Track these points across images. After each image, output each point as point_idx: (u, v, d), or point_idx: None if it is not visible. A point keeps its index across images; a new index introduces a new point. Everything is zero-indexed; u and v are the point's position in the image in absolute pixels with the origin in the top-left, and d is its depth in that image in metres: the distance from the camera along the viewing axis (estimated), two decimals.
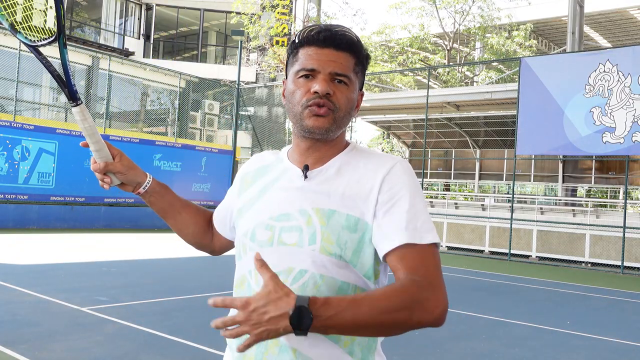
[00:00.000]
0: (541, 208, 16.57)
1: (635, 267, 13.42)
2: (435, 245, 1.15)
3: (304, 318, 0.96)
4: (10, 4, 1.28)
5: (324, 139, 1.24)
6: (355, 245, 1.18)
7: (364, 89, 1.32)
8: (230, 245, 1.48)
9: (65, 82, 1.26)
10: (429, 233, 1.15)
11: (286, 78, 1.29)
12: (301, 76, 1.21)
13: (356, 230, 1.18)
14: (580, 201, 18.84)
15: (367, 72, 1.32)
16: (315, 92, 1.18)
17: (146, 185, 1.40)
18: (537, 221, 15.15)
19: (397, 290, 1.04)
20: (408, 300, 1.04)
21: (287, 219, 1.21)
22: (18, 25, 1.28)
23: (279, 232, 1.21)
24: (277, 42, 23.31)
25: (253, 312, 0.96)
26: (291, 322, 0.96)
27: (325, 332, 1.00)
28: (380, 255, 1.17)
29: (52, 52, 1.31)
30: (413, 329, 1.06)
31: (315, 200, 1.21)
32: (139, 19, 26.07)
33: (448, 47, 29.17)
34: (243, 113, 20.82)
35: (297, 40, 1.24)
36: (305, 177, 1.25)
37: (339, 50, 1.20)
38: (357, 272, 1.19)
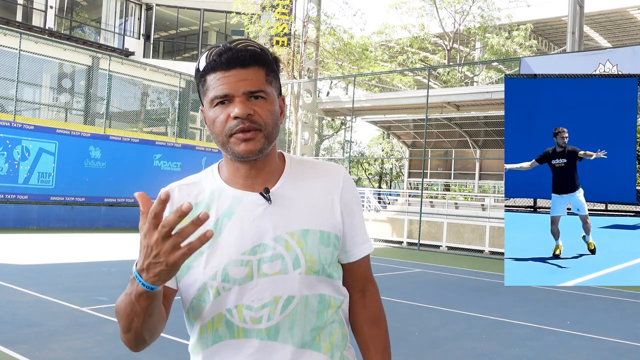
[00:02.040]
0: None
1: None
2: None
3: None
4: None
5: (260, 158, 1.19)
6: (331, 257, 1.22)
7: (284, 94, 1.27)
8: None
9: None
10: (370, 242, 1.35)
11: (202, 105, 1.21)
12: (217, 104, 1.15)
13: (329, 244, 1.22)
14: None
15: (367, 72, 1.31)
16: (236, 118, 1.13)
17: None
18: None
19: (385, 336, 1.34)
20: (386, 331, 1.36)
21: (264, 249, 1.16)
22: None
23: (257, 264, 1.16)
24: (277, 42, 23.28)
25: None
26: None
27: None
28: (345, 261, 1.30)
29: (51, 51, 1.24)
30: None
31: (285, 223, 1.18)
32: (139, 19, 26.06)
33: (448, 47, 29.16)
34: None
35: (201, 69, 1.17)
36: (270, 200, 1.19)
37: (246, 67, 1.14)
38: (333, 281, 1.24)
